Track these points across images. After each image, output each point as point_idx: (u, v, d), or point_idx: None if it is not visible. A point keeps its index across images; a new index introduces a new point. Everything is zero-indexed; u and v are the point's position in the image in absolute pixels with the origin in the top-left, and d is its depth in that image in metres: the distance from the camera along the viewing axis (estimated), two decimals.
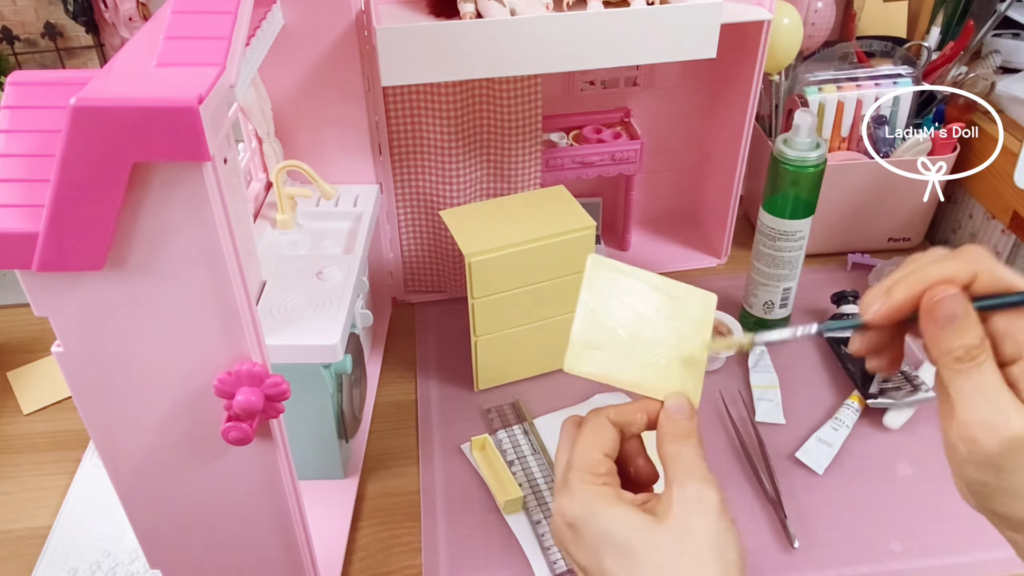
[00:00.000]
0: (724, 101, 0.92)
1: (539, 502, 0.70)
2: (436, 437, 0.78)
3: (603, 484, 0.43)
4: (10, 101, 0.40)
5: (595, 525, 0.42)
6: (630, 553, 0.40)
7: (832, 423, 0.77)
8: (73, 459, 0.76)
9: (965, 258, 0.39)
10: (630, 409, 0.46)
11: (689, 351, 0.47)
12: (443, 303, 0.94)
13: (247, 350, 0.44)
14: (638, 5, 0.73)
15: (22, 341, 0.89)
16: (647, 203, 1.05)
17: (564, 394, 0.82)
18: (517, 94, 0.81)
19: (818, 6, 0.96)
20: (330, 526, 0.68)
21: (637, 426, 0.46)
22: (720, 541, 0.40)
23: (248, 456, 0.48)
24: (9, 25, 0.93)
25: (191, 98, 0.35)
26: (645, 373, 0.46)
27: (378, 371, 0.85)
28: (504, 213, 0.78)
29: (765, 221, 0.81)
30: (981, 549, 0.66)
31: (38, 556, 0.67)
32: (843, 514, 0.69)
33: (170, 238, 0.39)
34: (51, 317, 0.42)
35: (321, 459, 0.71)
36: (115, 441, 0.47)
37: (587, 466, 0.44)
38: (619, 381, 0.46)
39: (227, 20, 0.39)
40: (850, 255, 0.99)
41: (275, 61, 0.73)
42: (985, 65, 0.93)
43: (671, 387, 0.46)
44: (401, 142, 0.83)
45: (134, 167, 0.37)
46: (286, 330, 0.64)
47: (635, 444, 0.47)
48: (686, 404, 0.45)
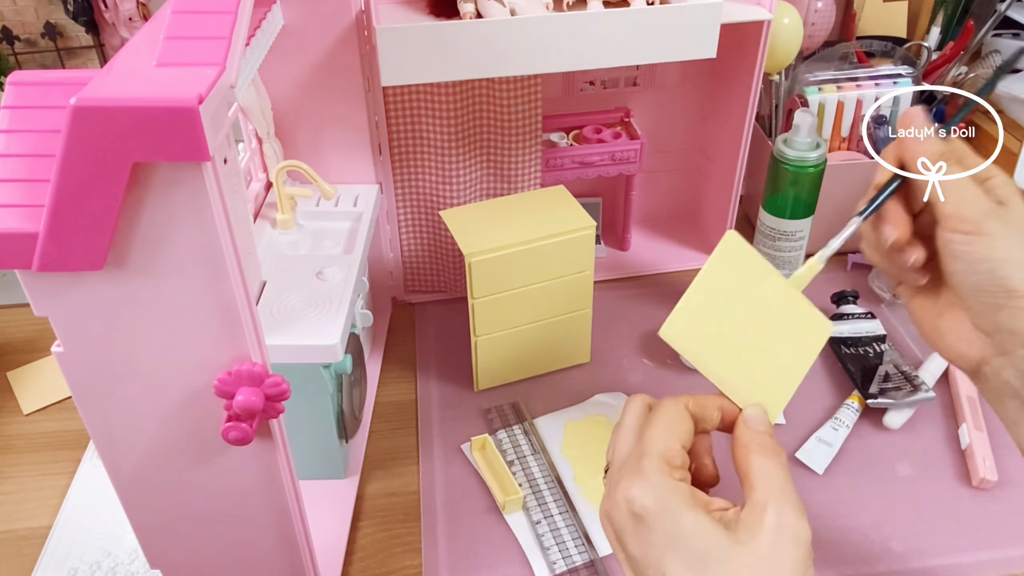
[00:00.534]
0: (724, 101, 0.92)
1: (539, 502, 0.70)
2: (436, 437, 0.78)
3: (680, 479, 0.41)
4: (10, 101, 0.40)
5: (668, 526, 0.39)
6: (703, 566, 0.38)
7: (832, 423, 0.77)
8: (73, 459, 0.76)
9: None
10: (709, 404, 0.45)
11: (786, 370, 0.45)
12: (443, 303, 0.94)
13: (247, 350, 0.44)
14: (638, 5, 0.73)
15: (22, 341, 0.89)
16: (647, 203, 1.05)
17: (564, 394, 0.82)
18: (517, 94, 0.81)
19: (818, 6, 0.96)
20: (330, 526, 0.68)
21: (711, 423, 0.45)
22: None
23: (248, 456, 0.48)
24: (9, 25, 0.93)
25: (191, 98, 0.35)
26: (735, 372, 0.45)
27: (378, 371, 0.85)
28: (504, 213, 0.78)
29: (765, 221, 0.81)
30: (981, 549, 0.66)
31: (38, 556, 0.67)
32: (843, 514, 0.69)
33: (170, 238, 0.39)
34: (51, 317, 0.42)
35: (321, 459, 0.71)
36: (115, 441, 0.47)
37: (665, 455, 0.42)
38: (706, 368, 0.45)
39: (227, 20, 0.39)
40: (850, 255, 0.99)
41: (275, 61, 0.73)
42: (985, 65, 0.93)
43: (756, 397, 0.45)
44: (401, 142, 0.83)
45: (134, 167, 0.37)
46: (286, 330, 0.64)
47: (705, 442, 0.46)
48: (766, 418, 0.45)
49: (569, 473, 0.73)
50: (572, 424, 0.78)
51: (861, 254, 0.99)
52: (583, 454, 0.75)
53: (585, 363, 0.85)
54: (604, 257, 1.01)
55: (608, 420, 0.78)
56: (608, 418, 0.78)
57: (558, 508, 0.69)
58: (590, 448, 0.75)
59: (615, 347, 0.87)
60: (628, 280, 0.98)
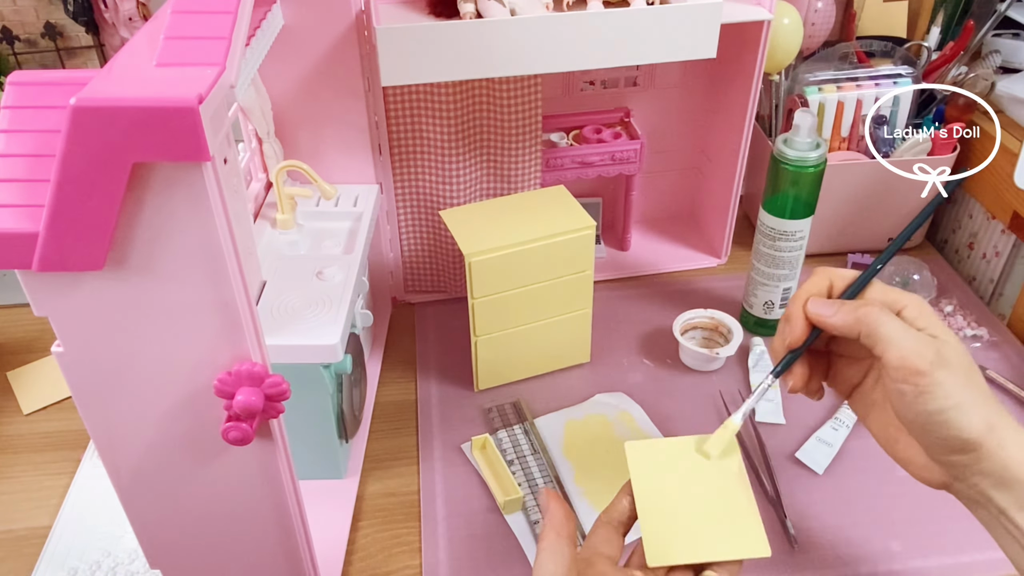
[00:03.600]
0: (724, 101, 0.92)
1: (538, 502, 0.70)
2: (436, 437, 0.78)
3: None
4: (10, 101, 0.40)
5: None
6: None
7: (832, 423, 0.77)
8: (73, 459, 0.76)
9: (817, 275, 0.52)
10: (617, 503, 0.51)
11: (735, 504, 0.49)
12: (443, 303, 0.94)
13: (247, 350, 0.44)
14: (638, 5, 0.73)
15: (22, 341, 0.89)
16: (647, 203, 1.05)
17: (564, 394, 0.82)
18: (517, 94, 0.81)
19: (818, 6, 0.96)
20: (330, 526, 0.68)
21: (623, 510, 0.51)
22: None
23: (248, 456, 0.48)
24: (9, 25, 0.93)
25: (191, 98, 0.35)
26: (720, 541, 0.48)
27: (378, 371, 0.85)
28: (504, 213, 0.78)
29: (765, 221, 0.81)
30: (981, 549, 0.66)
31: (38, 556, 0.67)
32: (843, 514, 0.69)
33: (170, 238, 0.39)
34: (51, 317, 0.42)
35: (321, 459, 0.71)
36: (115, 441, 0.47)
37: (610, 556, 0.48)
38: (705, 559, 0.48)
39: (227, 20, 0.39)
40: (850, 255, 0.99)
41: (275, 61, 0.73)
42: (985, 65, 0.93)
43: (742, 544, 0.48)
44: (401, 142, 0.83)
45: (134, 167, 0.37)
46: (286, 330, 0.64)
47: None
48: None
49: (569, 473, 0.73)
50: (572, 424, 0.78)
51: (861, 254, 0.99)
52: (583, 454, 0.75)
53: (585, 363, 0.85)
54: (604, 257, 1.01)
55: (608, 420, 0.78)
56: (608, 418, 0.78)
57: None
58: (590, 448, 0.75)
59: (615, 347, 0.87)
60: (628, 280, 0.98)
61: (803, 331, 0.51)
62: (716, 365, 0.84)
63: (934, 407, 0.46)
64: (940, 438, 0.47)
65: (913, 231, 0.54)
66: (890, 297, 0.50)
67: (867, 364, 0.53)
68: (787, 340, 0.51)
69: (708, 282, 0.97)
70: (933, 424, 0.46)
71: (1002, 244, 0.94)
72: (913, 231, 0.54)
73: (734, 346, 0.82)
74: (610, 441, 0.76)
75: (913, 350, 0.46)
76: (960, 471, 0.48)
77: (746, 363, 0.84)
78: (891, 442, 0.51)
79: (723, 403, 0.80)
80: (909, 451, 0.50)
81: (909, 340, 0.46)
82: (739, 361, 0.85)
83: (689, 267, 0.99)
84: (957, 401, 0.45)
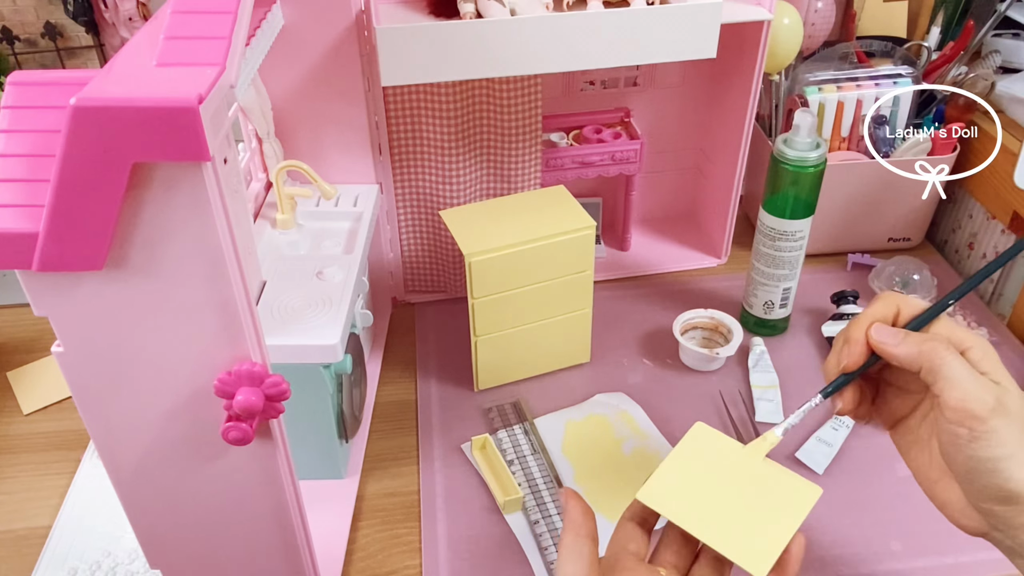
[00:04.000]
0: (724, 101, 0.92)
1: (538, 502, 0.70)
2: (436, 437, 0.78)
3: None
4: (10, 101, 0.40)
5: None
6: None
7: (832, 423, 0.77)
8: (73, 459, 0.76)
9: (883, 300, 0.50)
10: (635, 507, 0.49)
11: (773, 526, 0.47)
12: (443, 303, 0.94)
13: (247, 350, 0.44)
14: (638, 5, 0.73)
15: (22, 341, 0.89)
16: (647, 203, 1.05)
17: (564, 394, 0.82)
18: (517, 94, 0.81)
19: (818, 6, 0.96)
20: (330, 526, 0.68)
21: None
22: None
23: (248, 456, 0.48)
24: (9, 25, 0.93)
25: (191, 98, 0.35)
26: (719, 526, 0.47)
27: (378, 371, 0.85)
28: (504, 213, 0.78)
29: (765, 221, 0.81)
30: (981, 549, 0.66)
31: (38, 556, 0.67)
32: (843, 514, 0.69)
33: (170, 238, 0.39)
34: (51, 317, 0.42)
35: (321, 459, 0.71)
36: (115, 441, 0.47)
37: None
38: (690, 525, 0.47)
39: (227, 20, 0.39)
40: (850, 255, 0.99)
41: (275, 61, 0.73)
42: (985, 65, 0.93)
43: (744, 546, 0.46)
44: (401, 142, 0.83)
45: (134, 167, 0.37)
46: (286, 330, 0.64)
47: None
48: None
49: (569, 473, 0.73)
50: (572, 424, 0.78)
51: (861, 254, 0.99)
52: (583, 454, 0.75)
53: (585, 363, 0.85)
54: (604, 257, 1.01)
55: (608, 420, 0.78)
56: (608, 418, 0.78)
57: (557, 508, 0.69)
58: (590, 448, 0.75)
59: (615, 347, 0.87)
60: (628, 280, 0.98)
61: (862, 356, 0.49)
62: (716, 365, 0.84)
63: (986, 454, 0.44)
64: (984, 486, 0.45)
65: (995, 269, 0.52)
66: (957, 335, 0.48)
67: (918, 399, 0.51)
68: (844, 362, 0.50)
69: (708, 282, 0.97)
70: (981, 471, 0.45)
71: (1002, 244, 0.94)
72: (995, 269, 0.52)
73: (734, 346, 0.82)
74: (610, 441, 0.76)
75: (974, 394, 0.44)
76: (1000, 521, 0.46)
77: (746, 363, 0.84)
78: (930, 482, 0.50)
79: (723, 403, 0.80)
80: (948, 494, 0.49)
81: (971, 383, 0.45)
82: (739, 361, 0.85)
83: (689, 267, 0.99)
84: (1011, 451, 0.44)
